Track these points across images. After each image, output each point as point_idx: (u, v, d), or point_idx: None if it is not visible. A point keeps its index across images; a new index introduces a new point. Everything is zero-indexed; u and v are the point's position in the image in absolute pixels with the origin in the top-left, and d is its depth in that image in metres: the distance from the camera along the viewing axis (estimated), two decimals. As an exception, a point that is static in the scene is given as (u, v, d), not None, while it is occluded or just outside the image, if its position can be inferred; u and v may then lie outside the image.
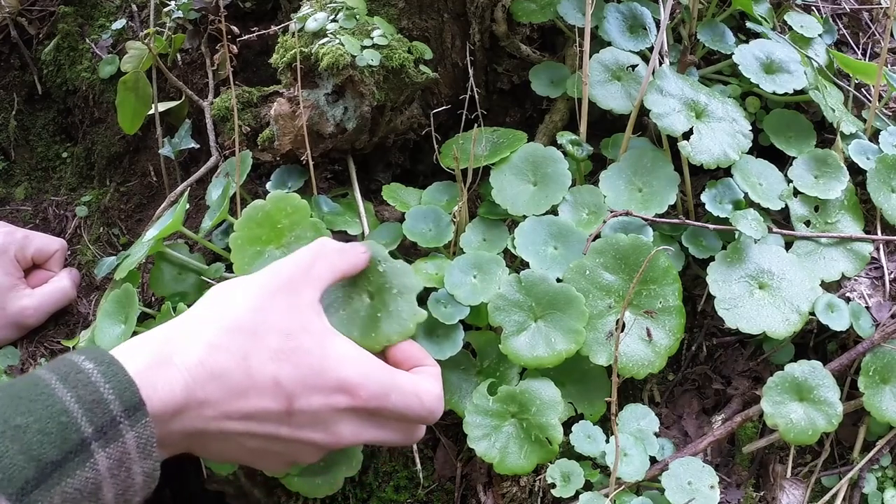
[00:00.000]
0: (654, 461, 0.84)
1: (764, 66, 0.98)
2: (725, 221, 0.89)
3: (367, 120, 0.91)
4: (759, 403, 0.83)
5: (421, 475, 0.89)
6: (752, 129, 0.93)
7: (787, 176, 0.95)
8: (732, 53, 0.98)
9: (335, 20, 0.90)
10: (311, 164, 0.91)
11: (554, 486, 0.81)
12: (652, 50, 0.94)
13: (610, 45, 0.97)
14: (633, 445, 0.83)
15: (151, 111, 1.07)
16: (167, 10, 1.07)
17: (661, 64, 0.93)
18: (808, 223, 0.94)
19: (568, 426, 0.83)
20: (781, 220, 0.95)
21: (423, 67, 0.93)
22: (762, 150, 0.98)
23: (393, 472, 0.90)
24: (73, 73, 1.17)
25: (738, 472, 0.89)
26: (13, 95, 1.24)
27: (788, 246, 0.92)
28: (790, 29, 1.06)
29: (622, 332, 0.83)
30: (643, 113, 0.91)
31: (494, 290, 0.84)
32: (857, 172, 0.97)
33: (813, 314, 0.86)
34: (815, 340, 0.91)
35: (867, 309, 0.89)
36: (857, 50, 1.15)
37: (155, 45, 1.04)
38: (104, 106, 1.15)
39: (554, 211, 0.90)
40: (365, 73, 0.88)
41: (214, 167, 1.01)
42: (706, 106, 0.91)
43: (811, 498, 0.87)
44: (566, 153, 0.92)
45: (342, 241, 0.87)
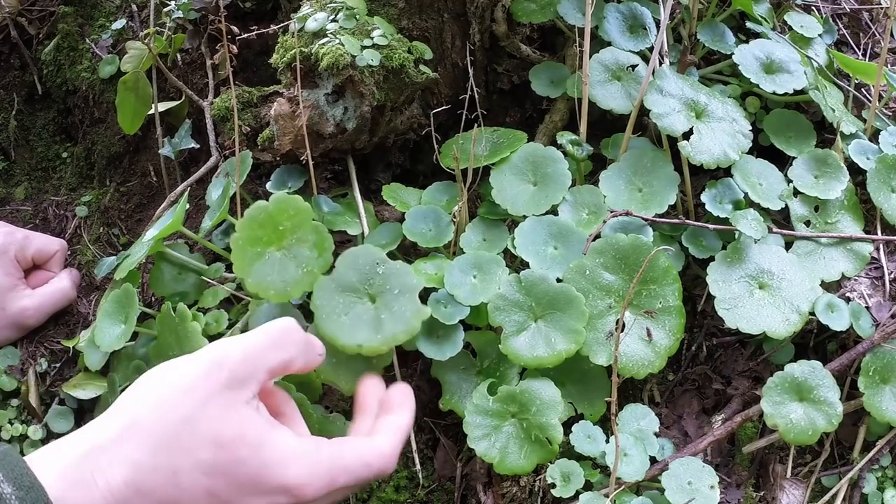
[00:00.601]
0: (654, 461, 0.84)
1: (764, 66, 0.98)
2: (725, 221, 0.89)
3: (367, 120, 0.91)
4: (759, 403, 0.83)
5: (421, 475, 0.89)
6: (752, 129, 0.93)
7: (787, 176, 0.95)
8: (732, 53, 0.98)
9: (335, 20, 0.90)
10: (310, 164, 0.91)
11: (554, 486, 0.81)
12: (652, 50, 0.94)
13: (610, 45, 0.97)
14: (633, 445, 0.83)
15: (151, 111, 1.07)
16: (167, 10, 1.07)
17: (661, 64, 0.93)
18: (808, 223, 0.94)
19: (568, 426, 0.83)
20: (781, 220, 0.95)
21: (423, 67, 0.93)
22: (762, 150, 0.98)
23: (393, 472, 0.90)
24: (73, 73, 1.17)
25: (738, 472, 0.89)
26: (13, 95, 1.24)
27: (788, 246, 0.92)
28: (790, 29, 1.06)
29: (622, 332, 0.83)
30: (643, 113, 0.91)
31: (494, 290, 0.84)
32: (857, 172, 0.97)
33: (813, 314, 0.86)
34: (815, 340, 0.91)
35: (867, 309, 0.89)
36: (857, 50, 1.15)
37: (155, 45, 1.04)
38: (104, 106, 1.16)
39: (554, 211, 0.90)
40: (365, 73, 0.88)
41: (214, 167, 1.01)
42: (706, 106, 0.91)
43: (811, 498, 0.87)
44: (566, 153, 0.92)
45: (342, 241, 0.88)
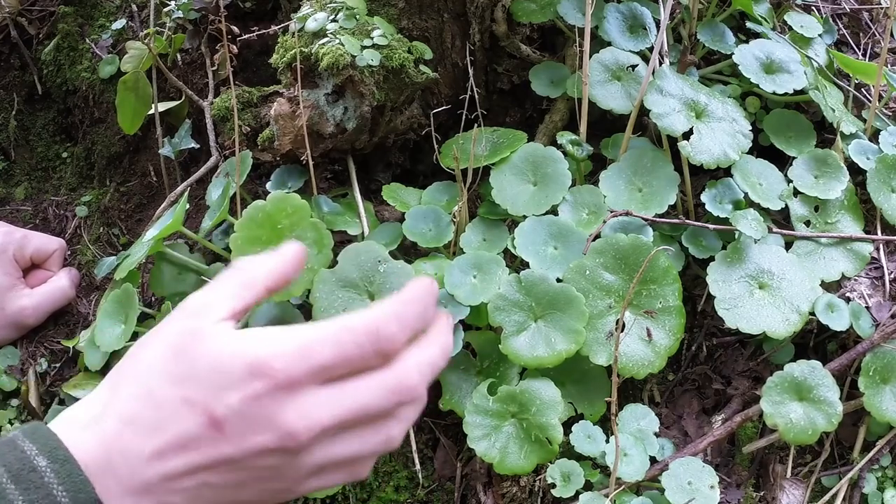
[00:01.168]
0: (654, 461, 0.84)
1: (764, 66, 0.98)
2: (725, 221, 0.89)
3: (367, 120, 0.91)
4: (759, 403, 0.83)
5: (421, 475, 0.89)
6: (752, 129, 0.93)
7: (787, 176, 0.95)
8: (732, 53, 0.98)
9: (335, 20, 0.90)
10: (310, 164, 0.91)
11: (554, 486, 0.81)
12: (652, 50, 0.94)
13: (610, 45, 0.97)
14: (633, 445, 0.83)
15: (151, 111, 1.07)
16: (167, 10, 1.07)
17: (661, 64, 0.93)
18: (808, 223, 0.94)
19: (568, 426, 0.83)
20: (781, 220, 0.95)
21: (423, 67, 0.93)
22: (762, 150, 0.98)
23: (393, 472, 0.90)
24: (73, 73, 1.17)
25: (738, 472, 0.89)
26: (13, 95, 1.24)
27: (788, 246, 0.92)
28: (790, 29, 1.06)
29: (622, 332, 0.83)
30: (643, 113, 0.91)
31: (494, 290, 0.84)
32: (857, 172, 0.97)
33: (813, 314, 0.86)
34: (815, 340, 0.91)
35: (867, 309, 0.89)
36: (857, 50, 1.15)
37: (155, 45, 1.04)
38: (104, 106, 1.15)
39: (554, 211, 0.90)
40: (365, 73, 0.88)
41: (214, 167, 1.01)
42: (706, 106, 0.91)
43: (811, 498, 0.87)
44: (566, 153, 0.92)
45: (342, 241, 0.88)
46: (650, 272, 0.85)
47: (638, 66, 0.96)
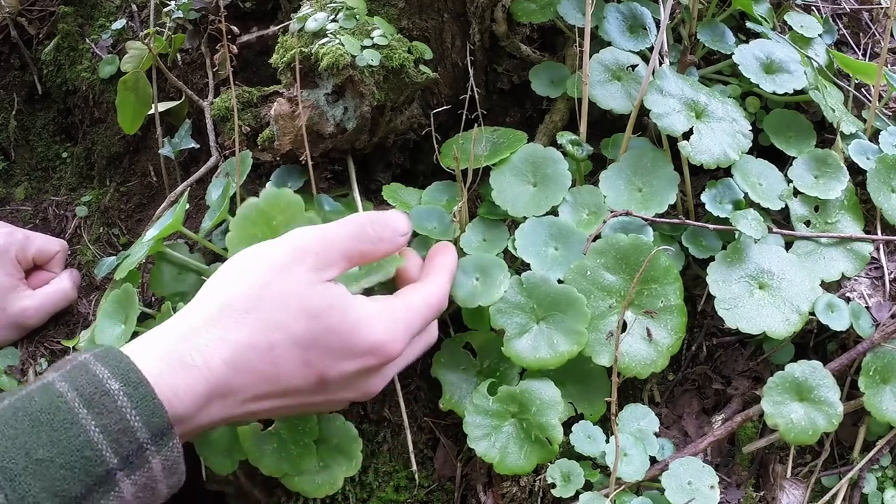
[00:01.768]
0: (654, 461, 0.84)
1: (764, 66, 0.98)
2: (725, 221, 0.89)
3: (367, 120, 0.91)
4: (759, 403, 0.83)
5: (417, 477, 0.89)
6: (752, 129, 0.93)
7: (787, 176, 0.95)
8: (732, 53, 0.98)
9: (335, 20, 0.90)
10: (310, 164, 0.91)
11: (554, 486, 0.81)
12: (652, 50, 0.94)
13: (610, 45, 0.97)
14: (633, 445, 0.83)
15: (151, 111, 1.07)
16: (167, 10, 1.07)
17: (661, 64, 0.93)
18: (808, 223, 0.94)
19: (568, 426, 0.83)
20: (781, 220, 0.95)
21: (423, 67, 0.93)
22: (762, 150, 0.98)
23: (393, 472, 0.90)
24: (73, 73, 1.17)
25: (738, 472, 0.89)
26: (13, 95, 1.24)
27: (788, 246, 0.92)
28: (790, 29, 1.06)
29: (624, 332, 0.83)
30: (643, 113, 0.91)
31: (496, 294, 0.83)
32: (857, 172, 0.97)
33: (813, 314, 0.86)
34: (815, 340, 0.91)
35: (867, 309, 0.89)
36: (857, 50, 1.15)
37: (155, 45, 1.04)
38: (104, 106, 1.16)
39: (554, 211, 0.90)
40: (365, 73, 0.87)
41: (214, 167, 1.01)
42: (706, 106, 0.91)
43: (811, 498, 0.87)
44: (566, 153, 0.92)
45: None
46: (651, 272, 0.85)
47: (638, 66, 0.96)
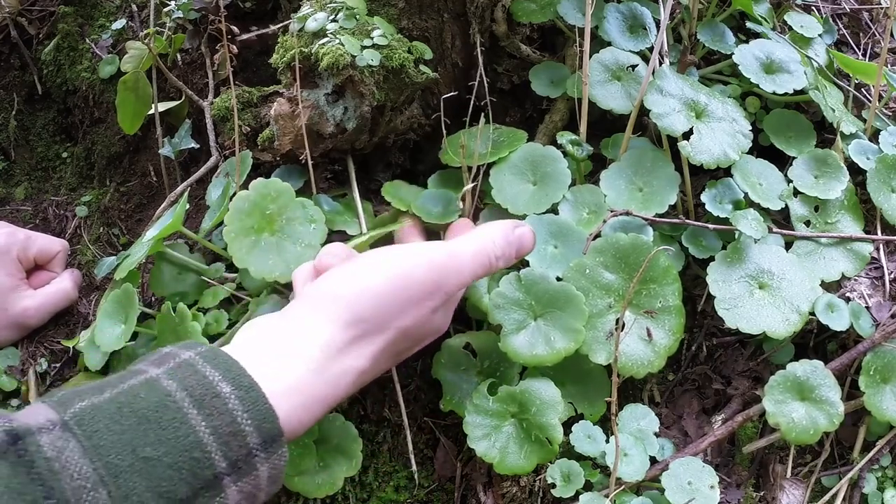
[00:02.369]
0: (654, 461, 0.84)
1: (764, 66, 0.98)
2: (725, 221, 0.89)
3: (367, 120, 0.91)
4: (759, 403, 0.83)
5: (417, 477, 0.89)
6: (752, 129, 0.93)
7: (787, 176, 0.95)
8: (732, 53, 0.98)
9: (335, 20, 0.90)
10: (310, 164, 0.91)
11: (554, 486, 0.81)
12: (652, 50, 0.94)
13: (610, 45, 0.97)
14: (633, 445, 0.83)
15: (151, 111, 1.07)
16: (167, 10, 1.07)
17: (661, 64, 0.93)
18: (808, 223, 0.94)
19: (568, 426, 0.83)
20: (781, 220, 0.95)
21: (423, 67, 0.93)
22: (762, 150, 0.98)
23: (393, 472, 0.90)
24: (73, 73, 1.17)
25: (738, 472, 0.89)
26: (13, 95, 1.24)
27: (788, 246, 0.92)
28: (790, 29, 1.06)
29: (622, 331, 0.83)
30: (643, 113, 0.91)
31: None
32: (857, 172, 0.97)
33: (813, 314, 0.86)
34: (815, 340, 0.91)
35: (867, 309, 0.89)
36: (857, 50, 1.15)
37: (155, 45, 1.04)
38: (104, 106, 1.16)
39: (554, 210, 0.90)
40: (365, 73, 0.87)
41: (214, 167, 1.01)
42: (706, 106, 0.91)
43: (811, 498, 0.87)
44: (566, 153, 0.92)
45: (340, 240, 0.88)
46: (650, 272, 0.85)
47: (638, 66, 0.96)
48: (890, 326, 0.86)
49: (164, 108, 1.08)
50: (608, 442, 0.83)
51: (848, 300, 0.90)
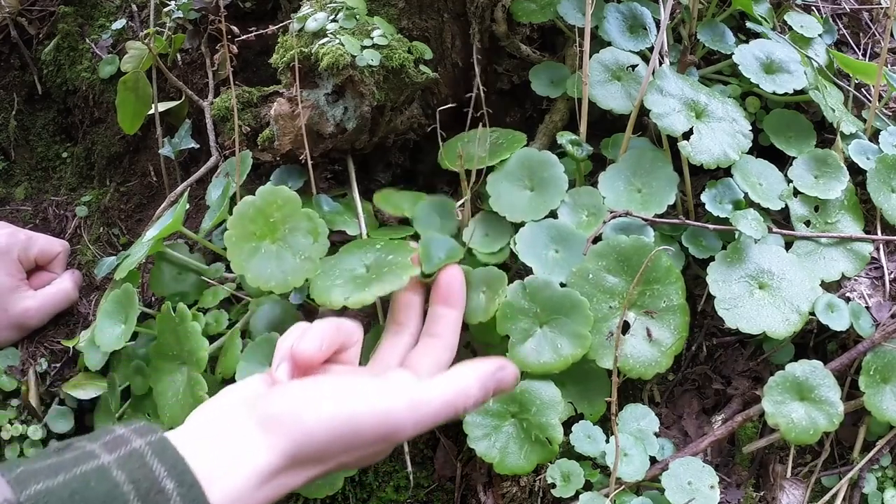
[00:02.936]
0: (654, 461, 0.84)
1: (764, 66, 0.98)
2: (725, 221, 0.89)
3: (367, 120, 0.91)
4: (758, 403, 0.83)
5: (412, 479, 0.89)
6: (752, 129, 0.92)
7: (787, 176, 0.95)
8: (732, 53, 0.98)
9: (335, 20, 0.90)
10: (310, 164, 0.91)
11: (554, 486, 0.81)
12: (652, 50, 0.94)
13: (610, 45, 0.97)
14: (633, 445, 0.83)
15: (151, 111, 1.07)
16: (167, 10, 1.07)
17: (661, 64, 0.93)
18: (808, 223, 0.94)
19: (568, 426, 0.83)
20: (781, 220, 0.95)
21: (423, 67, 0.93)
22: (762, 150, 0.98)
23: (393, 472, 0.90)
24: (73, 73, 1.17)
25: (738, 472, 0.89)
26: (13, 95, 1.24)
27: (788, 246, 0.92)
28: (790, 29, 1.06)
29: (626, 333, 0.83)
30: (643, 113, 0.91)
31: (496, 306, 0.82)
32: (857, 172, 0.97)
33: (813, 314, 0.86)
34: (815, 340, 0.91)
35: (867, 309, 0.89)
36: (857, 50, 1.15)
37: (155, 45, 1.04)
38: (104, 106, 1.16)
39: (552, 215, 0.90)
40: (365, 73, 0.88)
41: (214, 167, 1.01)
42: (706, 106, 0.91)
43: (811, 498, 0.87)
44: (566, 153, 0.92)
45: (340, 240, 0.88)
46: (653, 272, 0.85)
47: (638, 66, 0.96)
48: (890, 326, 0.86)
49: (164, 108, 1.08)
50: (608, 442, 0.83)
51: (848, 300, 0.90)
